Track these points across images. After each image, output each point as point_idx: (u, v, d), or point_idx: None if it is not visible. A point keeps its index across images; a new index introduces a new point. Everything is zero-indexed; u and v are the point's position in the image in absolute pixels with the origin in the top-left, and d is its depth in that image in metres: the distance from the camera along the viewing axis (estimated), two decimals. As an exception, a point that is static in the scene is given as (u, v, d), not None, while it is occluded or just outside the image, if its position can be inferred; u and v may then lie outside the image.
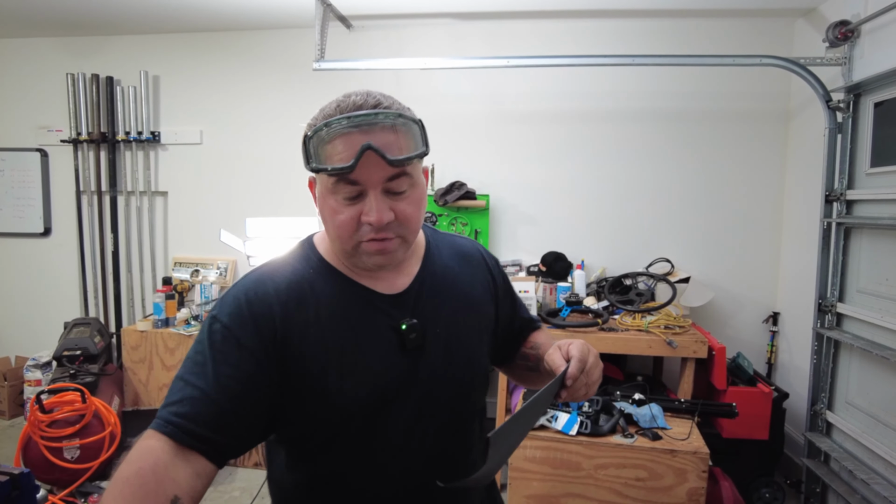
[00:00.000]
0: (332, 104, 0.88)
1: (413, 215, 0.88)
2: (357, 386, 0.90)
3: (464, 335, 1.01)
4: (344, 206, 0.85)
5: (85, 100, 3.88)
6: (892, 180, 2.46)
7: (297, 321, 0.88)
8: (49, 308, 4.11)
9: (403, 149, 0.84)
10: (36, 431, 2.77)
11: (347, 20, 3.48)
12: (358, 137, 0.82)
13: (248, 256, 2.28)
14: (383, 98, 0.88)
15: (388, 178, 0.84)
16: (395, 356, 0.93)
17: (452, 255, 1.07)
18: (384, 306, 0.94)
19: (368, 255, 0.88)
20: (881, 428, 2.43)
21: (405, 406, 0.94)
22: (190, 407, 0.79)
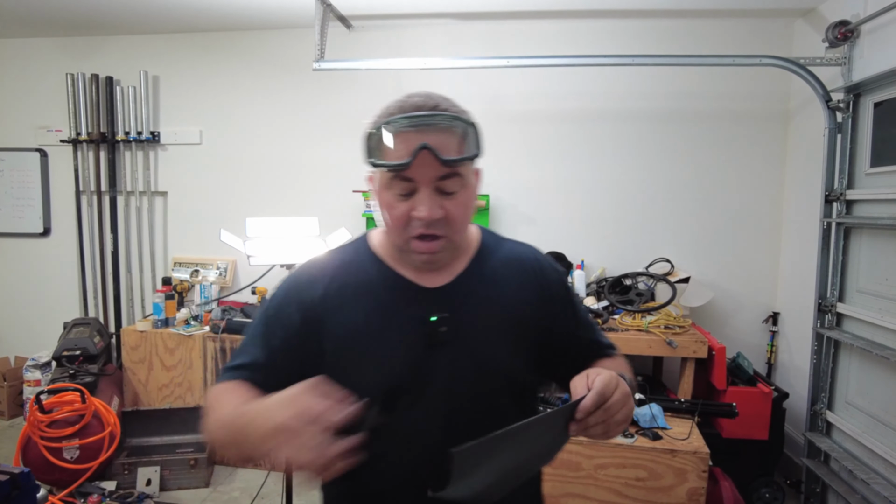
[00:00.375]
0: (394, 103, 0.92)
1: (460, 215, 0.92)
2: (375, 370, 0.95)
3: (494, 339, 0.99)
4: (398, 201, 0.91)
5: (84, 100, 3.88)
6: (891, 180, 2.46)
7: (333, 302, 0.97)
8: (48, 308, 4.10)
9: (457, 150, 0.89)
10: (35, 432, 2.76)
11: (347, 20, 3.48)
12: (415, 137, 0.87)
13: (249, 256, 2.28)
14: (443, 100, 0.92)
15: (440, 178, 0.89)
16: (419, 348, 0.95)
17: (504, 260, 1.05)
18: (419, 298, 0.98)
19: (417, 255, 0.94)
20: (881, 428, 2.43)
21: (421, 399, 0.95)
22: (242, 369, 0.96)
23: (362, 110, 3.91)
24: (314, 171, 3.77)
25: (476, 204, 0.99)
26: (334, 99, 3.70)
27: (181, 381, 3.32)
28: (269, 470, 3.16)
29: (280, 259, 2.33)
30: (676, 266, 3.38)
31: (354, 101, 3.66)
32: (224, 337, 3.24)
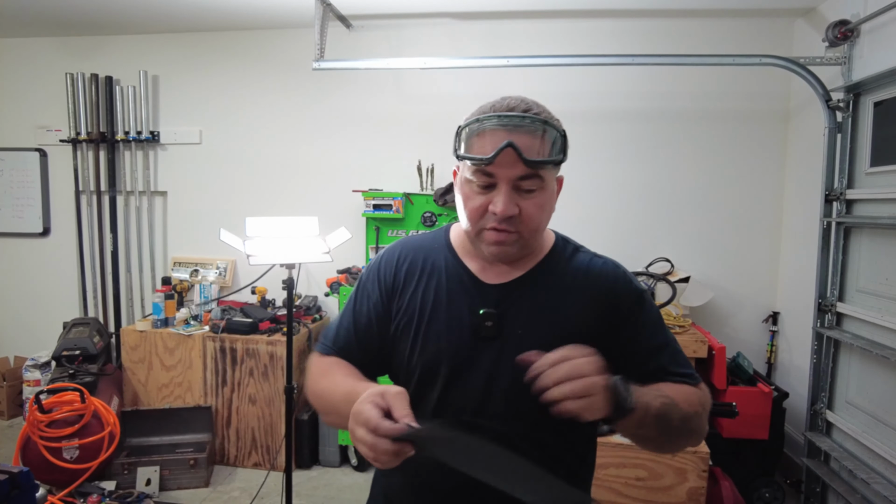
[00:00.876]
0: (488, 103, 0.97)
1: (535, 215, 0.95)
2: (426, 350, 1.02)
3: (546, 345, 0.92)
4: (476, 193, 0.95)
5: (84, 100, 3.88)
6: (891, 180, 2.46)
7: (407, 281, 1.07)
8: (48, 308, 4.10)
9: (541, 153, 0.92)
10: (35, 431, 2.76)
11: (347, 20, 3.48)
12: (502, 135, 0.91)
13: (248, 256, 2.27)
14: (535, 105, 0.96)
15: (520, 177, 0.92)
16: (467, 338, 1.00)
17: (573, 270, 1.06)
18: (476, 291, 1.03)
19: (487, 245, 0.97)
20: (881, 427, 2.42)
21: (465, 387, 1.00)
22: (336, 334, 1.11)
23: (362, 110, 3.93)
24: (314, 171, 3.77)
25: (552, 209, 1.01)
26: (334, 99, 3.70)
27: (181, 380, 3.32)
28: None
29: (280, 258, 2.32)
30: (676, 266, 3.38)
31: (354, 101, 3.66)
32: (224, 337, 3.24)
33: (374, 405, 0.79)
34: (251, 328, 3.26)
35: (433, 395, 1.02)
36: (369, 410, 0.78)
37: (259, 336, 3.24)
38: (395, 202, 3.41)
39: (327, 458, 3.35)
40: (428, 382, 1.03)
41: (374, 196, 3.44)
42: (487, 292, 1.02)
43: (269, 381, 3.21)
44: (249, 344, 3.22)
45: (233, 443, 3.30)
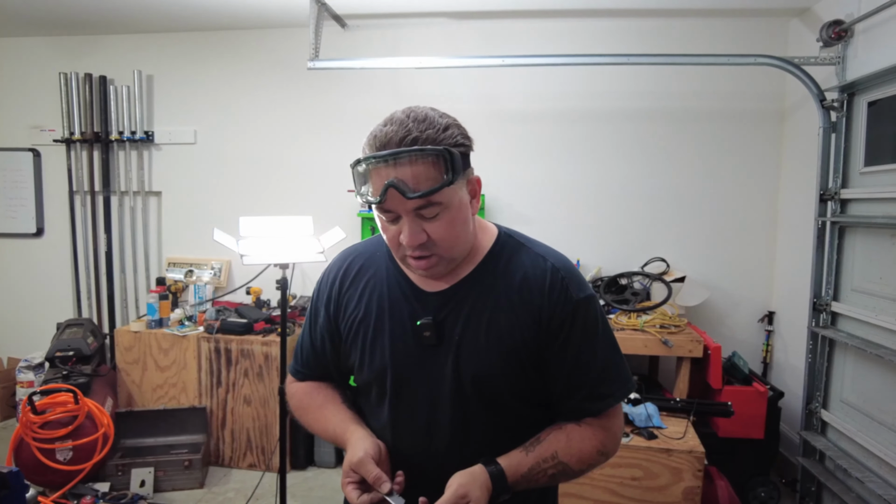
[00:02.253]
0: (371, 133, 0.94)
1: (445, 236, 0.93)
2: (373, 362, 1.05)
3: (481, 349, 0.99)
4: (388, 224, 0.95)
5: (78, 99, 3.85)
6: (885, 179, 2.46)
7: (349, 296, 1.09)
8: (42, 309, 4.08)
9: (427, 181, 0.88)
10: (28, 433, 2.74)
11: (342, 19, 3.47)
12: (386, 172, 0.89)
13: (242, 256, 2.26)
14: (416, 125, 0.90)
15: (416, 207, 0.90)
16: (410, 347, 1.02)
17: (514, 271, 1.02)
18: (415, 300, 1.03)
19: (414, 269, 0.99)
20: (875, 426, 2.43)
21: (414, 395, 1.03)
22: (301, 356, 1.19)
23: (357, 110, 3.92)
24: (309, 171, 3.76)
25: (466, 218, 0.96)
26: (329, 98, 3.69)
27: (175, 381, 3.30)
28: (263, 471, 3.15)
29: (273, 258, 2.31)
30: (672, 265, 3.38)
31: (349, 101, 3.66)
32: (219, 337, 3.23)
33: (353, 486, 0.96)
34: (246, 329, 3.24)
35: (385, 404, 1.06)
36: (350, 493, 0.96)
37: (254, 336, 3.22)
38: (391, 202, 3.40)
39: (322, 458, 3.34)
40: (379, 392, 1.07)
41: (369, 196, 3.43)
42: (426, 300, 1.02)
43: (264, 382, 3.20)
44: (244, 344, 3.20)
45: (228, 444, 3.29)
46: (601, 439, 1.02)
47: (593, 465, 1.03)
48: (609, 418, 1.04)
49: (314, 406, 1.14)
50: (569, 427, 1.03)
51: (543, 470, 0.98)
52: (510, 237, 1.08)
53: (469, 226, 0.98)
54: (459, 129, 0.94)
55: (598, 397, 1.02)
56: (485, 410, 1.02)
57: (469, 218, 0.98)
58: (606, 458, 1.05)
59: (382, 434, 1.06)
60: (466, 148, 0.94)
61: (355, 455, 0.96)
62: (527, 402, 1.04)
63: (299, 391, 1.18)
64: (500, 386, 1.01)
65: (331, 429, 1.09)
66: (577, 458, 1.01)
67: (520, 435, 1.02)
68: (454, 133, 0.92)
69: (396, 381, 1.03)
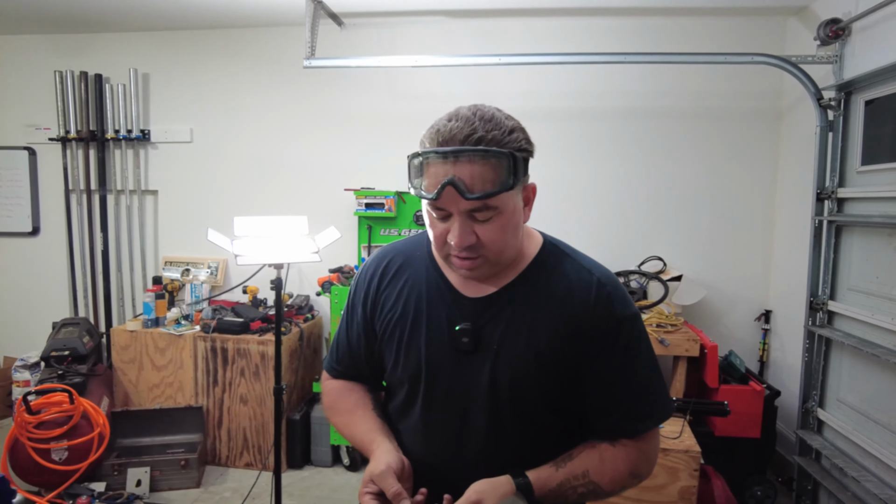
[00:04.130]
0: (435, 125, 0.91)
1: (495, 240, 0.92)
2: (408, 364, 1.04)
3: (519, 361, 0.97)
4: (437, 221, 0.93)
5: (73, 98, 3.84)
6: (882, 178, 2.46)
7: (386, 292, 1.08)
8: (38, 308, 4.07)
9: (486, 183, 0.86)
10: (23, 433, 2.73)
11: (339, 18, 3.46)
12: (444, 168, 0.87)
13: (236, 256, 2.25)
14: (482, 124, 0.88)
15: (470, 209, 0.89)
16: (446, 351, 1.01)
17: (558, 281, 0.99)
18: (454, 304, 1.02)
19: (457, 268, 0.97)
20: (871, 425, 2.43)
21: (446, 400, 1.02)
22: (337, 353, 1.18)
23: (354, 108, 3.90)
24: (306, 170, 3.75)
25: (517, 225, 0.95)
26: (326, 97, 3.68)
27: (172, 381, 3.29)
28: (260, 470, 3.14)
29: (268, 259, 2.30)
30: (669, 264, 3.38)
31: (346, 99, 3.64)
32: (215, 336, 3.22)
33: (370, 496, 0.94)
34: (242, 328, 3.24)
35: (416, 407, 1.06)
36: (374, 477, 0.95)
37: (250, 336, 3.22)
38: (388, 201, 3.40)
39: (319, 457, 3.34)
40: (411, 394, 1.06)
41: (365, 195, 3.43)
42: (466, 305, 1.01)
43: (261, 381, 3.19)
44: (241, 344, 3.20)
45: (224, 443, 3.28)
46: (635, 462, 0.99)
47: (625, 486, 1.00)
48: (645, 441, 1.00)
49: (345, 409, 1.14)
50: (602, 446, 1.00)
51: (573, 487, 0.96)
52: (555, 246, 1.07)
53: (519, 232, 0.97)
54: (524, 134, 0.92)
55: (636, 418, 0.99)
56: (519, 422, 1.00)
57: (520, 224, 0.96)
58: (639, 480, 1.01)
59: (411, 438, 1.06)
60: (528, 154, 0.93)
61: (377, 467, 0.95)
62: (562, 415, 1.02)
63: (333, 390, 1.18)
64: (537, 397, 0.99)
65: (358, 435, 1.09)
66: (609, 479, 0.98)
67: (552, 450, 1.00)
68: (519, 137, 0.90)
69: (430, 385, 1.02)
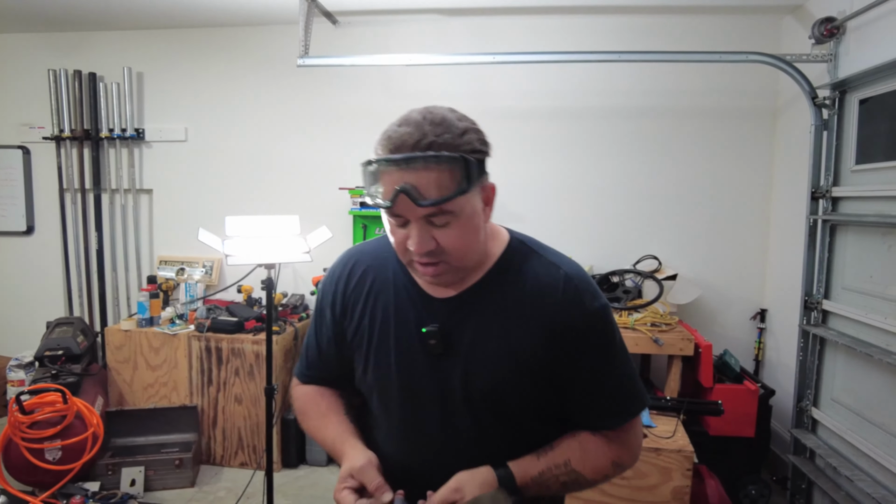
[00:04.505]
0: (385, 132, 0.89)
1: (455, 245, 0.90)
2: (379, 368, 1.02)
3: (491, 362, 0.96)
4: (396, 228, 0.92)
5: (67, 96, 3.82)
6: (876, 177, 2.45)
7: (355, 299, 1.06)
8: (32, 307, 4.06)
9: (440, 189, 0.84)
10: (16, 433, 2.73)
11: (333, 16, 3.44)
12: (397, 176, 0.85)
13: (227, 256, 2.25)
14: (433, 129, 0.85)
15: (426, 214, 0.87)
16: (416, 355, 0.99)
17: (526, 279, 0.98)
18: (422, 306, 1.00)
19: (421, 275, 0.96)
20: (865, 425, 2.43)
21: (422, 403, 1.00)
22: (307, 359, 1.16)
23: (348, 107, 3.88)
24: (301, 169, 3.74)
25: (477, 227, 0.92)
26: (321, 96, 3.67)
27: (166, 380, 3.29)
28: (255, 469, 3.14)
29: (259, 259, 2.30)
30: (664, 263, 3.38)
31: (341, 98, 3.63)
32: (209, 336, 3.21)
33: (348, 490, 0.91)
34: (237, 327, 3.23)
35: (394, 413, 1.04)
36: (345, 498, 0.90)
37: (245, 335, 3.21)
38: (382, 200, 3.38)
39: (314, 457, 3.33)
40: (385, 399, 1.04)
41: (360, 194, 3.41)
42: (433, 307, 0.99)
43: (256, 381, 3.19)
44: (235, 343, 3.19)
45: (219, 442, 3.28)
46: (616, 452, 1.00)
47: (608, 476, 1.01)
48: (625, 432, 1.01)
49: (317, 414, 1.11)
50: (583, 436, 1.00)
51: (555, 476, 0.96)
52: (522, 244, 1.04)
53: (481, 234, 0.94)
54: (478, 135, 0.90)
55: (614, 413, 0.99)
56: (499, 424, 0.98)
57: (481, 226, 0.94)
58: (623, 469, 1.02)
59: (388, 444, 1.05)
60: (483, 154, 0.90)
61: (357, 461, 0.94)
62: (539, 416, 1.01)
63: (304, 395, 1.15)
64: (512, 398, 0.97)
65: (330, 439, 1.07)
66: (591, 468, 0.98)
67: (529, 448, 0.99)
68: (472, 138, 0.88)
69: (402, 390, 1.01)
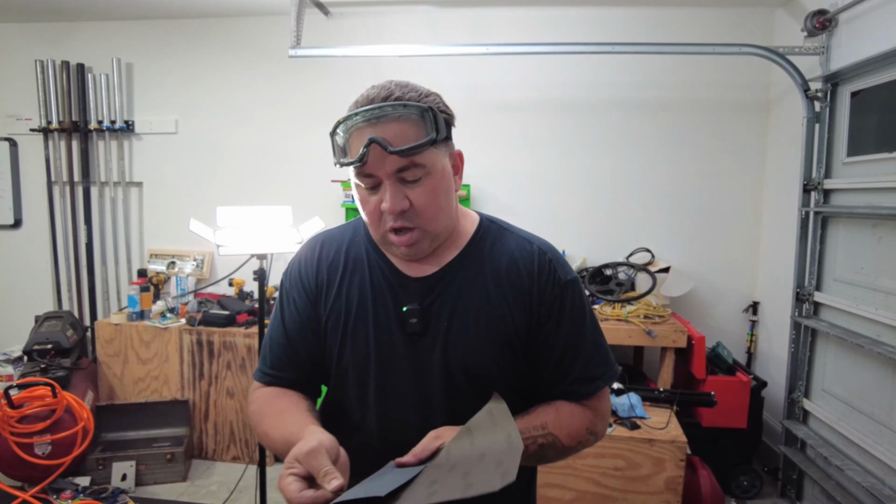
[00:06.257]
0: (355, 100, 0.92)
1: (428, 203, 0.91)
2: (356, 350, 1.00)
3: (471, 337, 0.97)
4: (368, 195, 0.92)
5: (55, 88, 3.76)
6: (867, 169, 2.46)
7: (329, 281, 1.03)
8: (21, 301, 4.01)
9: (409, 138, 0.87)
10: (5, 427, 2.69)
11: (325, 7, 3.41)
12: (367, 131, 0.86)
13: (218, 246, 2.23)
14: (399, 88, 0.89)
15: (398, 169, 0.88)
16: (395, 335, 0.98)
17: (500, 255, 1.01)
18: (398, 286, 1.00)
19: (396, 248, 0.95)
20: (855, 415, 2.45)
21: (401, 384, 0.99)
22: (270, 357, 1.06)
23: (340, 98, 3.83)
24: (292, 161, 3.72)
25: (449, 189, 0.95)
26: (312, 87, 3.64)
27: (157, 374, 3.26)
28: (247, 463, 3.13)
29: (251, 249, 2.28)
30: (657, 256, 3.38)
31: (332, 89, 3.61)
32: (201, 329, 3.19)
33: (293, 478, 0.78)
34: (228, 321, 3.21)
35: (369, 395, 1.01)
36: (288, 486, 0.77)
37: (236, 329, 3.19)
38: (375, 192, 3.37)
39: (307, 451, 3.32)
40: (361, 382, 1.02)
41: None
42: (411, 286, 0.99)
43: (247, 374, 3.17)
44: (227, 337, 3.17)
45: (211, 436, 3.26)
46: (590, 418, 1.02)
47: (583, 443, 1.02)
48: (597, 400, 1.04)
49: (275, 411, 0.99)
50: (558, 403, 1.02)
51: (533, 437, 0.95)
52: (493, 222, 1.07)
53: (452, 199, 0.97)
54: (441, 99, 0.94)
55: (587, 381, 1.02)
56: (476, 399, 0.97)
57: (452, 190, 0.96)
58: (595, 438, 1.05)
59: (366, 428, 1.03)
60: (449, 117, 0.93)
61: (306, 444, 0.79)
62: (518, 391, 1.02)
63: (262, 396, 1.04)
64: (493, 375, 0.99)
65: (288, 434, 0.93)
66: (567, 434, 0.99)
67: None
68: (436, 99, 0.92)
69: (381, 372, 1.00)
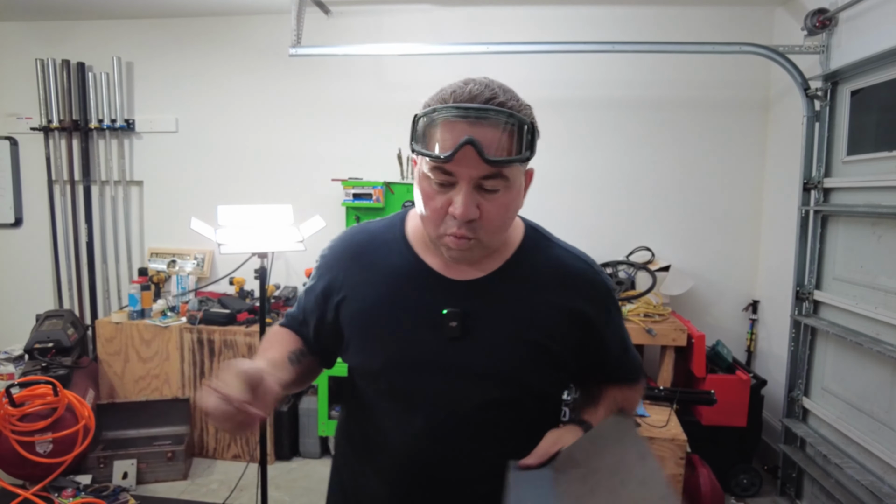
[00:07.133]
0: (449, 88, 0.85)
1: (497, 217, 0.87)
2: (386, 351, 0.96)
3: (505, 345, 0.94)
4: (436, 192, 0.86)
5: (55, 86, 3.77)
6: (867, 168, 2.47)
7: (354, 278, 1.00)
8: (22, 300, 4.01)
9: (505, 150, 0.82)
10: (6, 426, 2.70)
11: (325, 5, 3.41)
12: (463, 129, 0.81)
13: (219, 245, 2.23)
14: (502, 92, 0.84)
15: (482, 176, 0.83)
16: (431, 338, 0.94)
17: (545, 267, 0.98)
18: (439, 288, 0.95)
19: (447, 249, 0.90)
20: (855, 413, 2.45)
21: (436, 389, 0.95)
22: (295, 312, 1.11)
23: (340, 97, 3.86)
24: (293, 160, 3.72)
25: (518, 207, 0.92)
26: (313, 86, 3.64)
27: (158, 373, 3.27)
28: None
29: (252, 247, 2.28)
30: (657, 254, 3.39)
31: (333, 88, 3.61)
32: (201, 328, 3.19)
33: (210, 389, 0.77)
34: (229, 319, 3.21)
35: (404, 398, 0.98)
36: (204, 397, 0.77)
37: (237, 327, 3.19)
38: (375, 191, 3.37)
39: (308, 449, 3.33)
40: (398, 384, 0.98)
41: (353, 185, 3.39)
42: (453, 290, 0.95)
43: (248, 373, 3.17)
44: (227, 335, 3.17)
45: (212, 435, 3.26)
46: (637, 398, 1.15)
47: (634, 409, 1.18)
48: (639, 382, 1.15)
49: (265, 346, 1.07)
50: (616, 388, 1.09)
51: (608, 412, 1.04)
52: (536, 231, 1.05)
53: (515, 215, 0.94)
54: (533, 113, 0.90)
55: (635, 368, 1.12)
56: (513, 411, 0.97)
57: (519, 207, 0.93)
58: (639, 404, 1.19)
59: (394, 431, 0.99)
60: (537, 134, 0.89)
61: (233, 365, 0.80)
62: (548, 400, 1.05)
63: (270, 332, 1.12)
64: (532, 384, 0.96)
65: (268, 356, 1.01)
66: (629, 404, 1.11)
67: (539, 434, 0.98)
68: (531, 113, 0.88)
69: (414, 375, 0.95)
